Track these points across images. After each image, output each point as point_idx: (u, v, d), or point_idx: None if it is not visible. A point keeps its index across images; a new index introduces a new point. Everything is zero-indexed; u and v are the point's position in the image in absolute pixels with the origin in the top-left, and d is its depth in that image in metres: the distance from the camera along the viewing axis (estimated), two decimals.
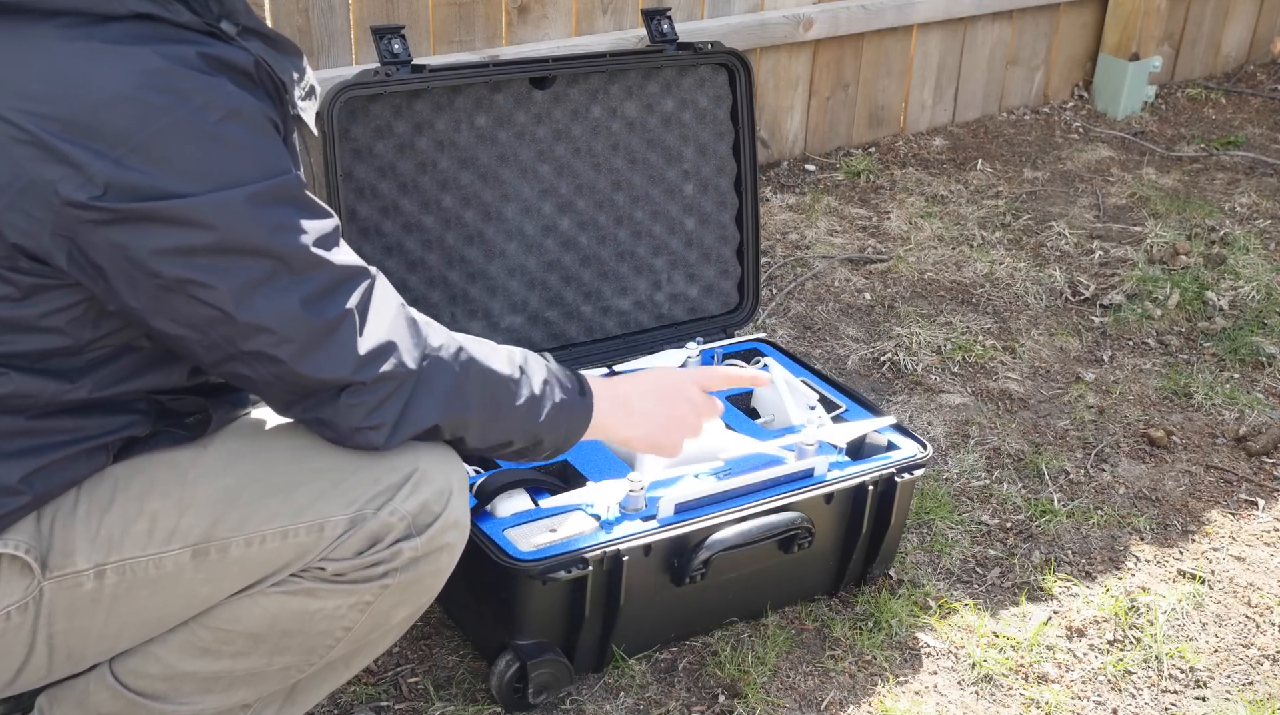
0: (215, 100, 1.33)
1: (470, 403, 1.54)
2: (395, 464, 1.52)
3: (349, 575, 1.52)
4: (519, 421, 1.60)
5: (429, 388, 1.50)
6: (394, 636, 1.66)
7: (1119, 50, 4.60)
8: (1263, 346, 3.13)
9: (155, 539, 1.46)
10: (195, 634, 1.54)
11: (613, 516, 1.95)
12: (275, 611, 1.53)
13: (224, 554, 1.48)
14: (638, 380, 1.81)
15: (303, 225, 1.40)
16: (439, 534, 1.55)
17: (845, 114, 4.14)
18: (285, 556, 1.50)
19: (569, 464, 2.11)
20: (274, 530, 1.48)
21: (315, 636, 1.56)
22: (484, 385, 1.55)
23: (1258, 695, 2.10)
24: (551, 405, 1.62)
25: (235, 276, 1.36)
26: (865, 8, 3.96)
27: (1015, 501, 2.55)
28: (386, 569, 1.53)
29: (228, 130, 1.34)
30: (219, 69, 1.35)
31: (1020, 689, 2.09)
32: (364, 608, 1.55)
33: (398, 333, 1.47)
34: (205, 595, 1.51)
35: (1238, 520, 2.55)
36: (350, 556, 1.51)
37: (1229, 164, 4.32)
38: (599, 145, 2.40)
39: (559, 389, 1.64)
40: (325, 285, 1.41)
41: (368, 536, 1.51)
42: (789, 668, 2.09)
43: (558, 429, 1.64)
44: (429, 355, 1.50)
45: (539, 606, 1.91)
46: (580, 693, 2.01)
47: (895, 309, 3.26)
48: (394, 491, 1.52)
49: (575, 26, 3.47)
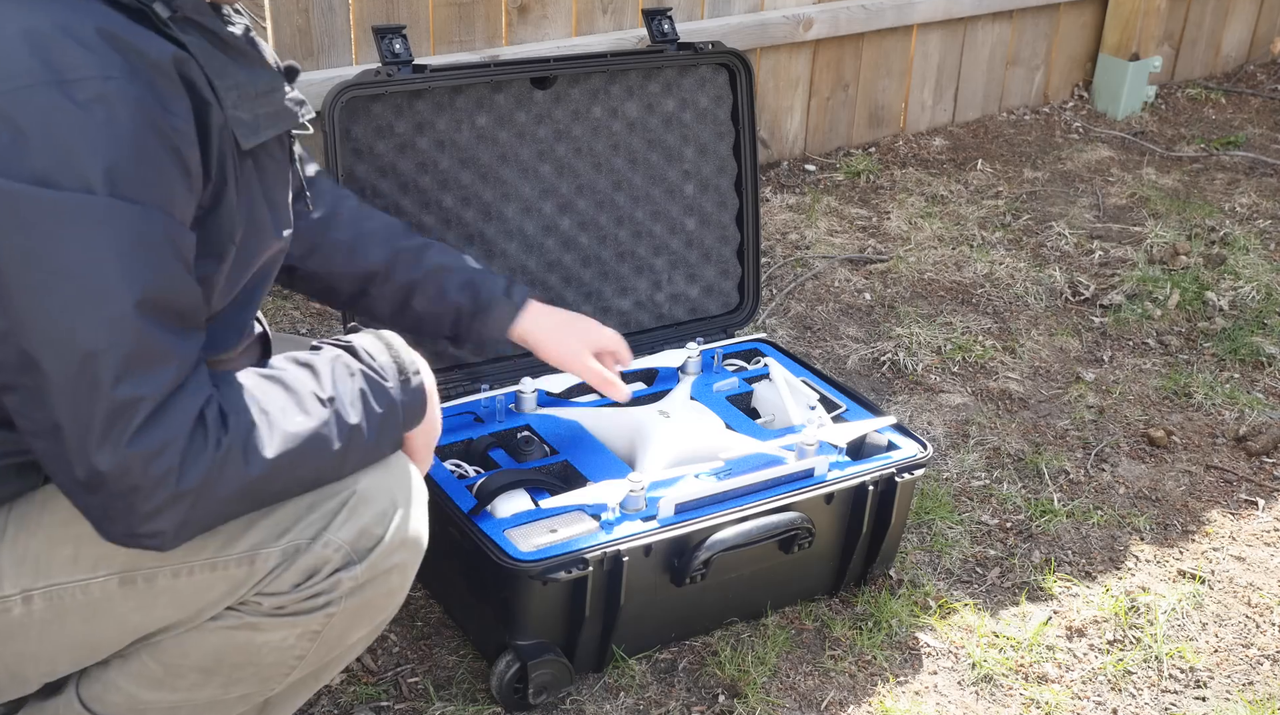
0: (91, 78, 1.21)
1: (275, 488, 1.38)
2: (330, 488, 1.44)
3: (289, 608, 1.45)
4: (338, 462, 1.43)
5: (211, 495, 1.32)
6: (358, 651, 1.61)
7: (1119, 50, 4.60)
8: (1263, 346, 3.13)
9: (81, 565, 1.40)
10: (147, 666, 1.50)
11: (613, 517, 1.95)
12: (220, 646, 1.47)
13: (151, 583, 1.42)
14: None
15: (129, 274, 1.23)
16: (383, 557, 1.47)
17: (845, 114, 4.14)
18: (217, 589, 1.43)
19: (569, 464, 2.11)
20: (201, 561, 1.41)
21: (267, 667, 1.51)
22: (288, 457, 1.36)
23: (1258, 695, 2.10)
24: (378, 423, 1.45)
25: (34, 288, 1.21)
26: (865, 8, 3.96)
27: (1015, 501, 2.55)
28: (328, 599, 1.45)
29: (91, 115, 1.22)
30: (118, 49, 1.24)
31: (1020, 689, 2.09)
32: (313, 636, 1.48)
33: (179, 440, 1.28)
34: (138, 623, 1.45)
35: (1238, 520, 2.55)
36: (288, 590, 1.44)
37: (1229, 164, 4.32)
38: (599, 145, 2.40)
39: (376, 399, 1.46)
40: (145, 349, 1.26)
41: (304, 569, 1.43)
42: (789, 668, 2.09)
43: (393, 436, 1.50)
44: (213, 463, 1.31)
45: (539, 607, 1.91)
46: (580, 693, 2.01)
47: (895, 309, 3.27)
48: (329, 519, 1.43)
49: (575, 26, 3.47)
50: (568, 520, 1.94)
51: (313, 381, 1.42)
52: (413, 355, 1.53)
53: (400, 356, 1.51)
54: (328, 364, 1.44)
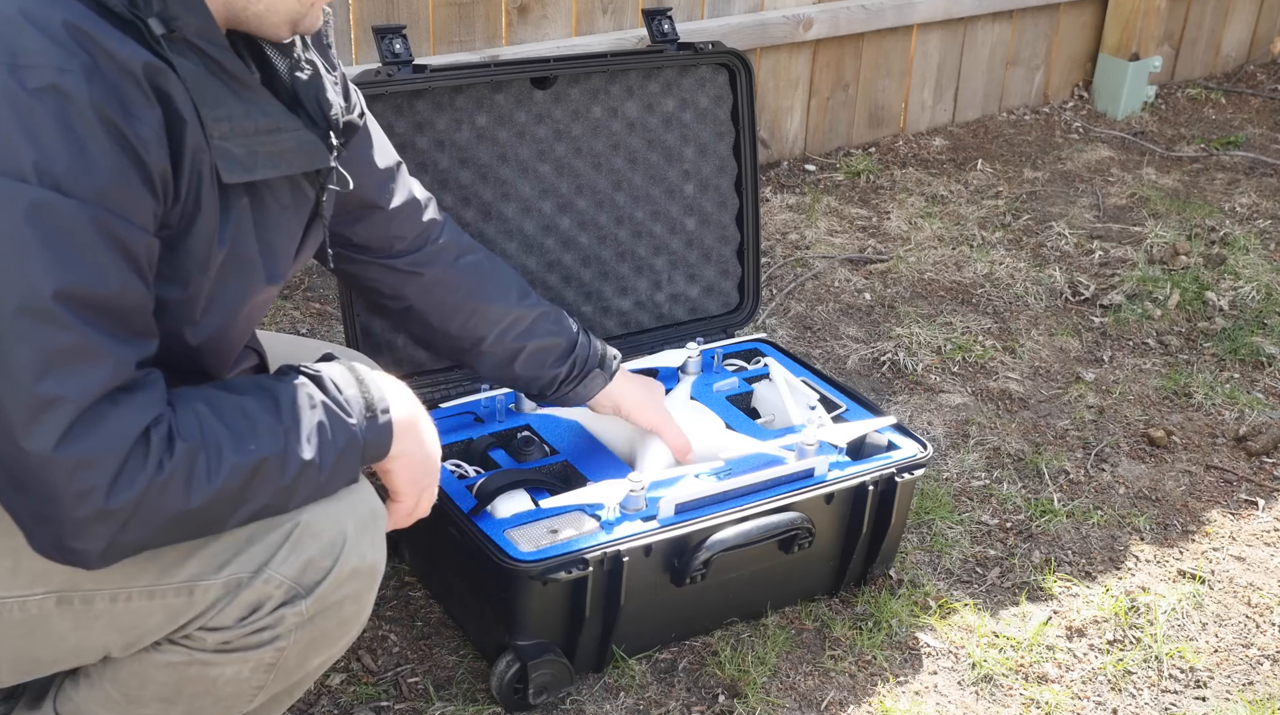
0: (42, 67, 1.17)
1: (214, 516, 1.32)
2: (273, 521, 1.38)
3: (235, 643, 1.41)
4: (286, 496, 1.37)
5: (147, 520, 1.26)
6: (320, 671, 1.57)
7: (1119, 50, 4.60)
8: (1263, 346, 3.13)
9: (20, 579, 1.36)
10: (109, 693, 1.48)
11: (613, 517, 1.95)
12: (176, 680, 1.44)
13: (88, 606, 1.37)
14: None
15: (52, 266, 1.17)
16: (332, 590, 1.42)
17: (845, 114, 4.14)
18: (155, 617, 1.39)
19: (569, 464, 2.11)
20: (139, 588, 1.37)
21: (228, 697, 1.47)
22: (231, 487, 1.30)
23: (1258, 695, 2.10)
24: (333, 458, 1.38)
25: None
26: (865, 8, 3.96)
27: (1015, 501, 2.55)
28: (275, 634, 1.41)
29: (39, 103, 1.17)
30: (83, 45, 1.19)
31: (1020, 689, 2.09)
32: (268, 668, 1.45)
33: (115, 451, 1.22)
34: (76, 643, 1.41)
35: (1238, 520, 2.55)
36: (232, 624, 1.40)
37: (1229, 164, 4.32)
38: (599, 145, 2.40)
39: (335, 432, 1.39)
40: (67, 346, 1.20)
41: (246, 604, 1.39)
42: (789, 668, 2.09)
43: (349, 472, 1.43)
44: (151, 487, 1.25)
45: (539, 607, 1.90)
46: (580, 693, 2.01)
47: (895, 309, 3.27)
48: (272, 552, 1.38)
49: (575, 26, 3.47)
50: (568, 520, 1.94)
51: (272, 410, 1.35)
52: (384, 391, 1.45)
53: (369, 392, 1.43)
54: (290, 392, 1.37)
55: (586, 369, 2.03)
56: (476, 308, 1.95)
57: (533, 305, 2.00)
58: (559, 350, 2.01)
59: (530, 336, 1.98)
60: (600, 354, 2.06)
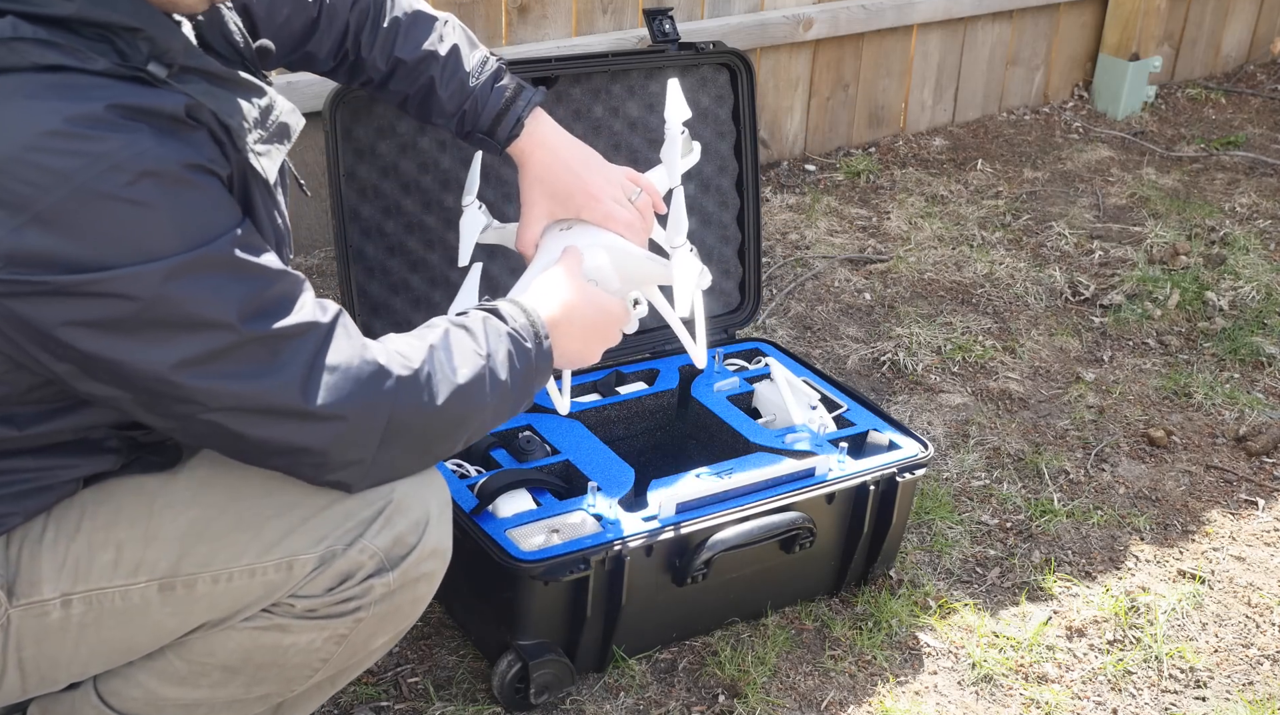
0: (125, 161, 1.21)
1: (445, 431, 1.48)
2: (367, 497, 1.47)
3: (320, 611, 1.48)
4: (489, 415, 1.52)
5: (398, 435, 1.42)
6: (378, 655, 1.63)
7: (1119, 50, 4.61)
8: (1263, 346, 3.14)
9: (121, 570, 1.42)
10: (172, 664, 1.51)
11: (614, 517, 1.95)
12: (248, 646, 1.49)
13: (190, 590, 1.44)
14: (581, 308, 1.68)
15: (234, 293, 1.28)
16: (415, 565, 1.50)
17: (845, 114, 4.14)
18: (254, 593, 1.45)
19: (570, 464, 2.11)
20: (241, 567, 1.44)
21: (292, 669, 1.53)
22: (458, 404, 1.46)
23: (1258, 695, 2.10)
24: (519, 381, 1.54)
25: (158, 351, 1.26)
26: (865, 8, 3.96)
27: (1015, 501, 2.55)
28: (359, 604, 1.48)
29: (141, 193, 1.22)
30: (136, 118, 1.23)
31: (1020, 689, 2.09)
32: (340, 640, 1.51)
33: (358, 383, 1.37)
34: (173, 627, 1.47)
35: (1238, 520, 2.55)
36: (320, 593, 1.47)
37: (1229, 164, 4.32)
38: (601, 144, 2.40)
39: (519, 358, 1.54)
40: (265, 351, 1.32)
41: (338, 574, 1.46)
42: (789, 668, 2.09)
43: (527, 393, 1.58)
44: (398, 402, 1.40)
45: (541, 607, 1.91)
46: (581, 693, 2.01)
47: (895, 309, 3.27)
48: (366, 526, 1.46)
49: (575, 27, 3.47)
50: (569, 520, 1.94)
51: (470, 341, 1.50)
52: (543, 318, 1.59)
53: (534, 319, 1.58)
54: (480, 325, 1.52)
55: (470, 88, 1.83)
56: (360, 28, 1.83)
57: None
58: (440, 56, 1.82)
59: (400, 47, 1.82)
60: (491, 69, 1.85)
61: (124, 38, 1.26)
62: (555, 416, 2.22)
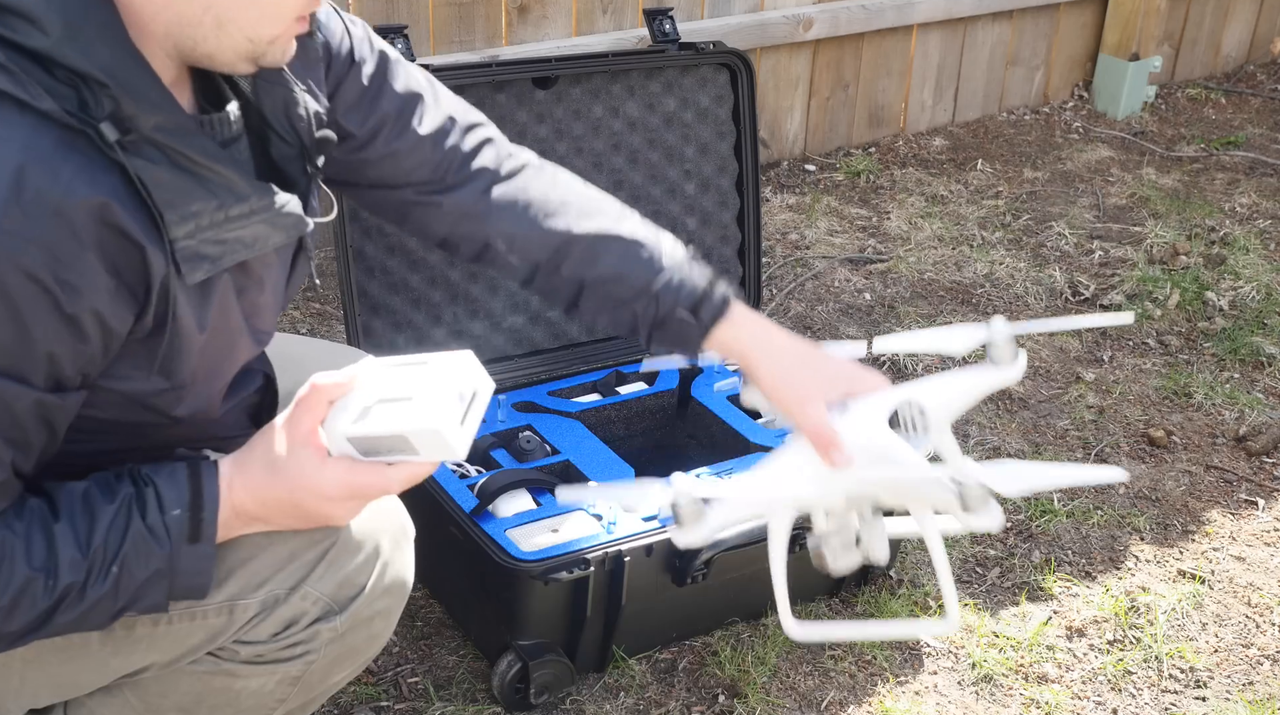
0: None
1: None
2: (313, 536, 1.38)
3: (268, 656, 1.42)
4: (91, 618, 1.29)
5: None
6: (341, 685, 1.57)
7: (1119, 50, 4.60)
8: (1263, 346, 3.14)
9: None
10: (129, 702, 1.48)
11: (614, 516, 1.95)
12: (199, 689, 1.45)
13: (130, 631, 1.38)
14: (273, 499, 1.34)
15: None
16: (366, 605, 1.44)
17: (845, 114, 4.14)
18: (196, 636, 1.40)
19: (571, 464, 2.11)
20: (180, 610, 1.37)
21: (247, 710, 1.48)
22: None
23: (1258, 695, 2.10)
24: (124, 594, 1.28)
25: None
26: (865, 8, 3.96)
27: (1015, 501, 2.55)
28: (307, 649, 1.43)
29: None
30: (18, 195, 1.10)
31: (1020, 689, 2.09)
32: (293, 681, 1.46)
33: None
34: (118, 666, 1.42)
35: (1238, 520, 2.55)
36: (265, 639, 1.41)
37: (1229, 164, 4.32)
38: (600, 144, 2.41)
39: (146, 561, 1.27)
40: None
41: (282, 620, 1.40)
42: (789, 668, 2.09)
43: (151, 597, 1.30)
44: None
45: (541, 607, 1.91)
46: (580, 693, 2.01)
47: (895, 309, 3.27)
48: (309, 569, 1.39)
49: (575, 26, 3.47)
50: (569, 520, 1.94)
51: (81, 542, 1.25)
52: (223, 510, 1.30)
53: (202, 513, 1.29)
54: (106, 517, 1.26)
55: (665, 312, 1.58)
56: (515, 235, 1.62)
57: (600, 229, 1.63)
58: (630, 285, 1.59)
59: (589, 267, 1.61)
60: (696, 292, 1.59)
61: (91, 88, 1.15)
62: (556, 416, 2.22)
